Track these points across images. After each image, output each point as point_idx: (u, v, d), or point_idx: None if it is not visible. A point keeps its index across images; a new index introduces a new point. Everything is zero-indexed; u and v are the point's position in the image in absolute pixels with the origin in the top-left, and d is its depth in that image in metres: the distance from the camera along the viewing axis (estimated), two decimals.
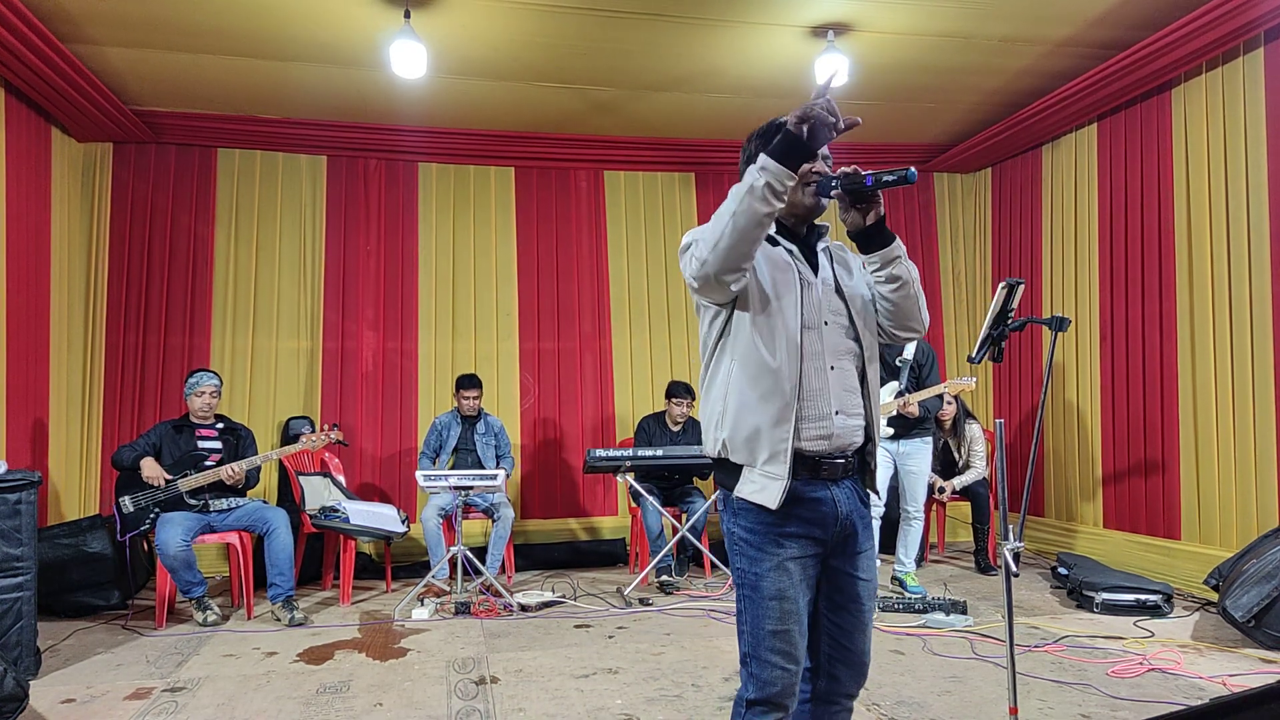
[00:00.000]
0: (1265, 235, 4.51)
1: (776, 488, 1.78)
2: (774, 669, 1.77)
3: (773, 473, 1.78)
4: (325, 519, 4.93)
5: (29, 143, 5.04)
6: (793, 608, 1.79)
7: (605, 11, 4.44)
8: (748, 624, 1.81)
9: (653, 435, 5.74)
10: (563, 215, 6.58)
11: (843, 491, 1.85)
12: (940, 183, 7.09)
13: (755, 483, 1.80)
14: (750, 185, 1.65)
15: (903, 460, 4.97)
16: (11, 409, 4.80)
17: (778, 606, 1.78)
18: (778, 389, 1.79)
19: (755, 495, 1.80)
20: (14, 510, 3.58)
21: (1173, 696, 3.19)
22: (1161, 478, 5.17)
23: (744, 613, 1.83)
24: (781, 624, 1.78)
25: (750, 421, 1.80)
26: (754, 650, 1.80)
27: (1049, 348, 3.42)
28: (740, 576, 1.84)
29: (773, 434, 1.79)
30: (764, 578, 1.79)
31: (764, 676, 1.78)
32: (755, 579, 1.80)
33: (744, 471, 1.83)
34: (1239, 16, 4.26)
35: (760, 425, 1.79)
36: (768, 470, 1.79)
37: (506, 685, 3.44)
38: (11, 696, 2.99)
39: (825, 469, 1.82)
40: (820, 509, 1.82)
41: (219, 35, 4.61)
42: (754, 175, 1.66)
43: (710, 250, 1.70)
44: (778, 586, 1.78)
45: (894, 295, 1.90)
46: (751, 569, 1.81)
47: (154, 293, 5.85)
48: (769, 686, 1.77)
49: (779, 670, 1.77)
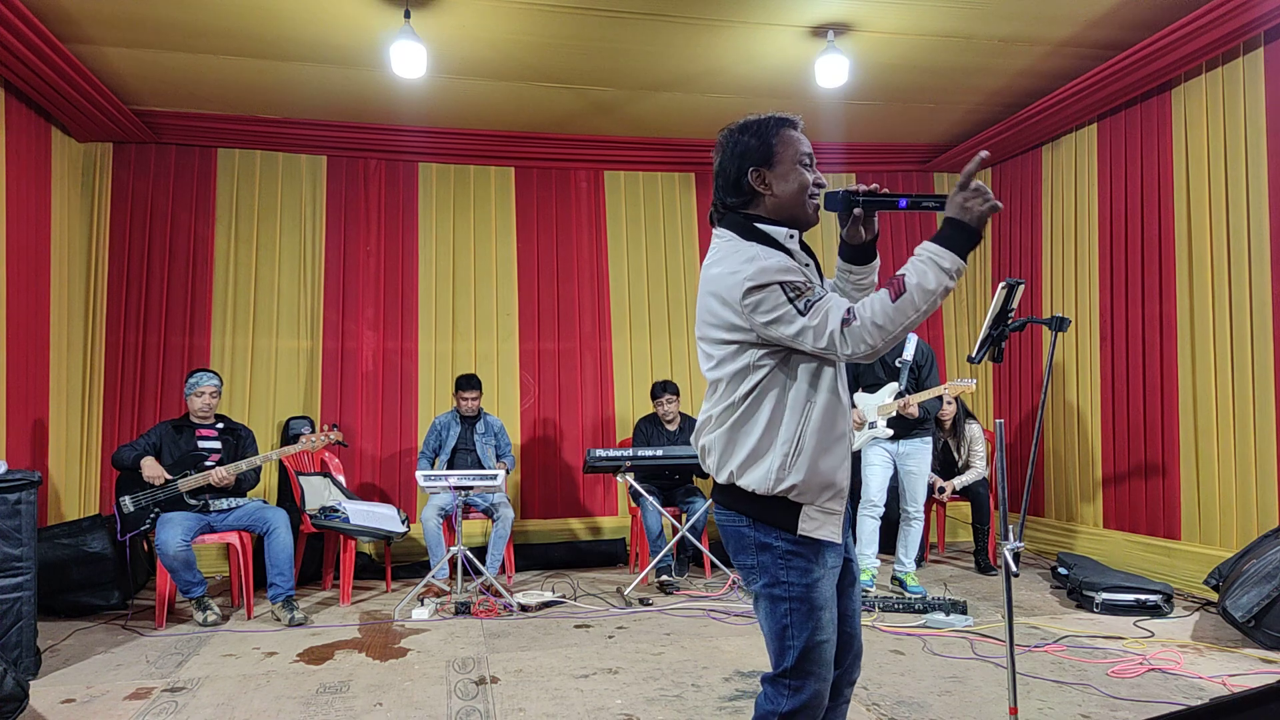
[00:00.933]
0: (1265, 235, 4.51)
1: (836, 522, 1.79)
2: (815, 679, 1.75)
3: (833, 509, 1.79)
4: (325, 519, 4.93)
5: (29, 143, 5.04)
6: (833, 617, 1.80)
7: (605, 11, 4.44)
8: (797, 639, 1.75)
9: (650, 436, 5.74)
10: (563, 215, 6.58)
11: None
12: (940, 183, 7.09)
13: (815, 520, 1.77)
14: (944, 287, 1.65)
15: (903, 460, 4.97)
16: (11, 409, 4.80)
17: (825, 615, 1.77)
18: (847, 430, 1.82)
19: (817, 532, 1.77)
20: (14, 510, 3.58)
21: (1173, 696, 3.19)
22: (1161, 478, 5.17)
23: (792, 627, 1.76)
24: (827, 634, 1.77)
25: (827, 466, 1.78)
26: (799, 663, 1.75)
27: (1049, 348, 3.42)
28: (787, 590, 1.76)
29: (840, 474, 1.80)
30: (814, 589, 1.76)
31: (804, 686, 1.75)
32: (806, 591, 1.75)
33: (804, 509, 1.78)
34: (1239, 16, 4.26)
35: (835, 468, 1.78)
36: (828, 506, 1.79)
37: (506, 685, 3.44)
38: (11, 696, 2.99)
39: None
40: (845, 516, 1.87)
41: (219, 35, 4.61)
42: (949, 277, 1.65)
43: (884, 338, 1.67)
44: (825, 596, 1.78)
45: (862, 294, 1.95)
46: (802, 581, 1.76)
47: (154, 292, 5.85)
48: (804, 695, 1.75)
49: (819, 681, 1.76)
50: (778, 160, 1.83)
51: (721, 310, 1.78)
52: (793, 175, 1.83)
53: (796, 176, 1.83)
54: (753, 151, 1.84)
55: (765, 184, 1.84)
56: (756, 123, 1.87)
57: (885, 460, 4.94)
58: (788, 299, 1.71)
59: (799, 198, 1.83)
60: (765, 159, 1.83)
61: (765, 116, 1.88)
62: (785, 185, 1.83)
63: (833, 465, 1.78)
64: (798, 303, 1.71)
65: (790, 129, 1.86)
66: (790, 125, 1.87)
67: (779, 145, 1.83)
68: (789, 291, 1.71)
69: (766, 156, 1.83)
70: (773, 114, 1.88)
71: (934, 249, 1.67)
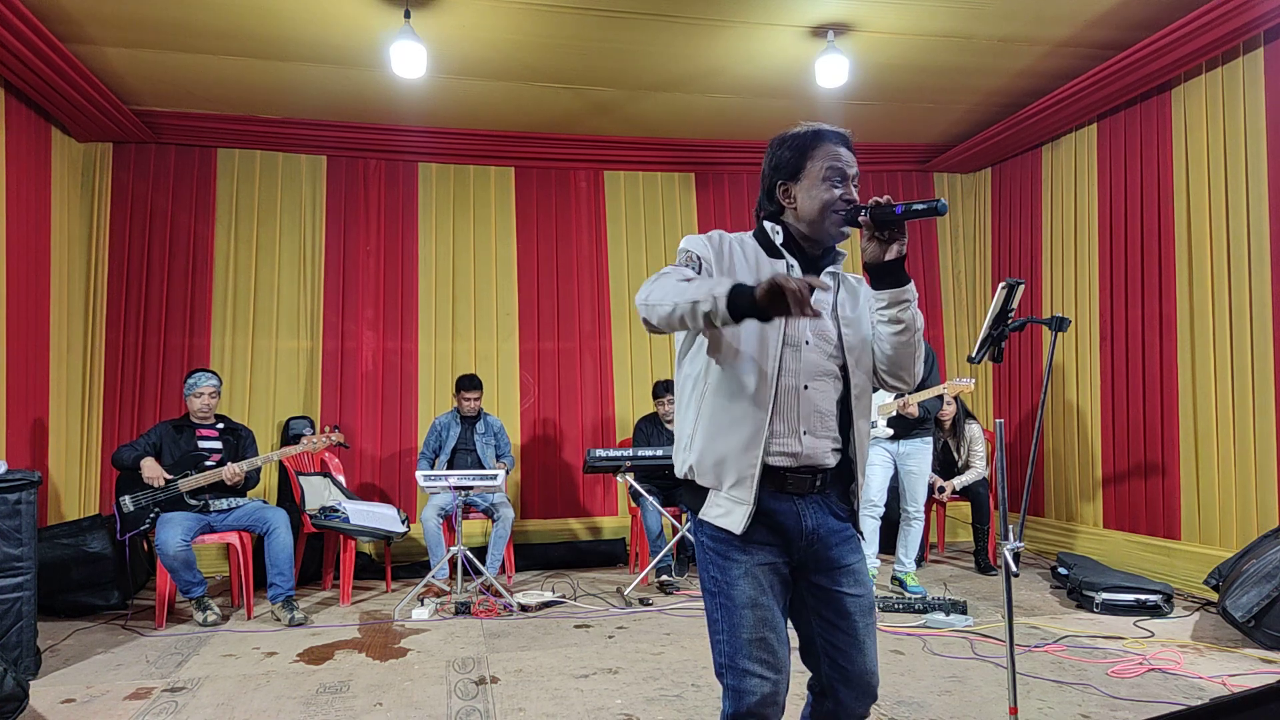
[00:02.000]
0: (1265, 235, 4.51)
1: (741, 513, 1.75)
2: (752, 678, 1.72)
3: (738, 497, 1.76)
4: (325, 519, 4.93)
5: (29, 143, 5.04)
6: (767, 615, 1.75)
7: (605, 11, 4.44)
8: (724, 633, 1.76)
9: (650, 436, 5.74)
10: (563, 215, 6.58)
11: (809, 505, 1.81)
12: (940, 183, 7.09)
13: (720, 506, 1.78)
14: (694, 304, 1.60)
15: (903, 460, 4.98)
16: (11, 409, 4.80)
17: (752, 614, 1.74)
18: (749, 415, 1.76)
19: (720, 519, 1.77)
20: (14, 510, 3.58)
21: (1173, 696, 3.19)
22: (1161, 478, 5.17)
23: (718, 622, 1.77)
24: (758, 631, 1.73)
25: (718, 446, 1.78)
26: (731, 660, 1.74)
27: (1049, 348, 3.42)
28: (712, 585, 1.80)
29: (741, 460, 1.76)
30: (735, 585, 1.75)
31: (742, 687, 1.73)
32: (727, 587, 1.76)
33: (710, 495, 1.80)
34: (1239, 16, 4.26)
35: (728, 451, 1.77)
36: (734, 494, 1.77)
37: (506, 685, 3.44)
38: (11, 696, 2.99)
39: (791, 483, 1.79)
40: (782, 520, 1.78)
41: (219, 35, 4.61)
42: (707, 298, 1.58)
43: (652, 303, 1.70)
44: (749, 594, 1.75)
45: (893, 338, 1.84)
46: (723, 577, 1.77)
47: (154, 293, 5.85)
48: (748, 696, 1.72)
49: (757, 679, 1.72)
50: (804, 175, 1.84)
51: None
52: (815, 191, 1.82)
53: (820, 193, 1.82)
54: (784, 165, 1.86)
55: (791, 198, 1.86)
56: (795, 136, 1.87)
57: (885, 460, 4.95)
58: (680, 263, 1.83)
59: (821, 213, 1.83)
60: (793, 174, 1.85)
61: (806, 130, 1.86)
62: (808, 201, 1.84)
63: (726, 447, 1.76)
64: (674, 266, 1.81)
65: (827, 143, 1.84)
66: (827, 139, 1.84)
67: (809, 161, 1.84)
68: (683, 257, 1.83)
69: (795, 171, 1.85)
70: (816, 126, 1.86)
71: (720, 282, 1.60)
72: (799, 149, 1.85)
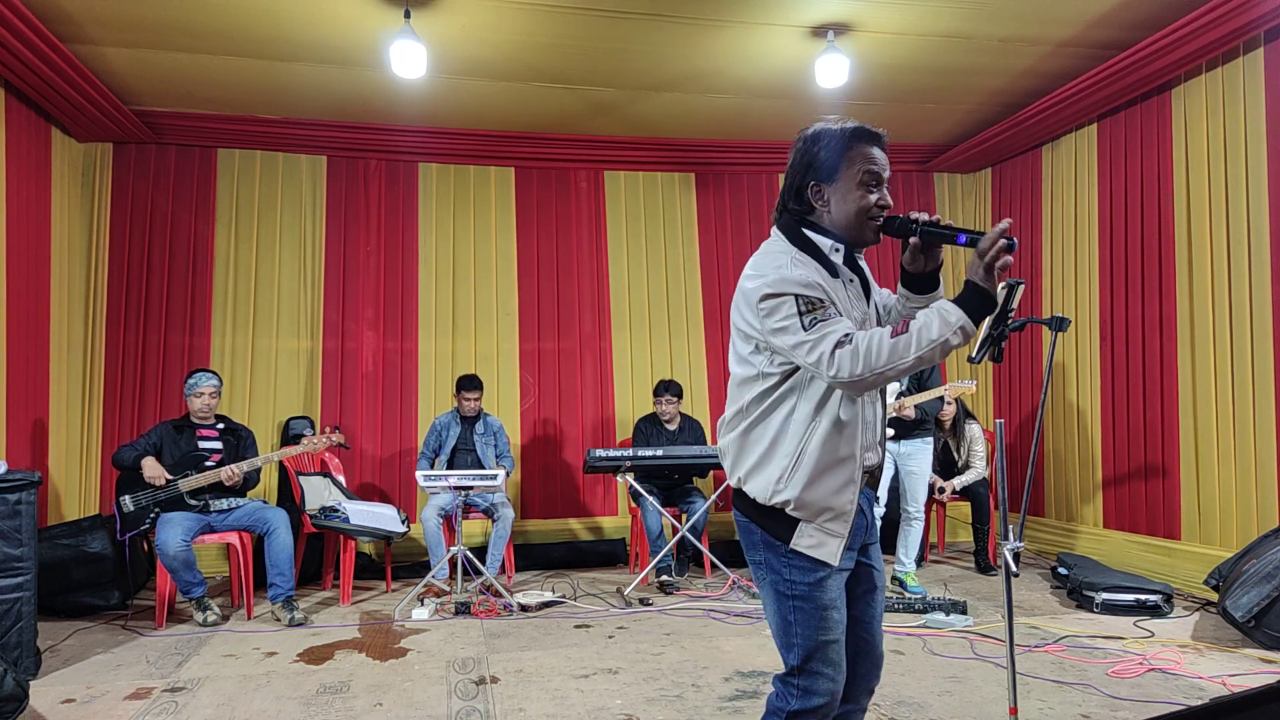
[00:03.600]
0: (1265, 235, 4.51)
1: (835, 545, 1.76)
2: (825, 680, 1.76)
3: (833, 530, 1.77)
4: (325, 519, 4.93)
5: (29, 143, 5.04)
6: (841, 617, 1.80)
7: (605, 11, 4.44)
8: (800, 636, 1.77)
9: (649, 436, 5.74)
10: (563, 215, 6.57)
11: (864, 498, 1.88)
12: (940, 183, 7.09)
13: (812, 538, 1.77)
14: (945, 340, 1.62)
15: (903, 460, 4.98)
16: (11, 409, 4.79)
17: (831, 616, 1.77)
18: (851, 452, 1.78)
19: (813, 550, 1.76)
20: (14, 510, 3.58)
21: (1173, 696, 3.19)
22: (1161, 478, 5.17)
23: (794, 624, 1.77)
24: (834, 634, 1.77)
25: (826, 485, 1.77)
26: (806, 662, 1.76)
27: (1049, 348, 3.42)
28: (790, 589, 1.78)
29: (841, 497, 1.77)
30: (818, 588, 1.76)
31: (815, 688, 1.76)
32: (807, 590, 1.76)
33: (801, 525, 1.78)
34: (1239, 16, 4.26)
35: (832, 490, 1.77)
36: (828, 527, 1.77)
37: (506, 685, 3.44)
38: (11, 696, 2.99)
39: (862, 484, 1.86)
40: (857, 520, 1.83)
41: (219, 35, 4.61)
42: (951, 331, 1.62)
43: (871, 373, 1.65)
44: (830, 596, 1.77)
45: None
46: (804, 579, 1.77)
47: (154, 293, 5.85)
48: (818, 697, 1.75)
49: (829, 681, 1.76)
50: (840, 178, 1.80)
51: (745, 310, 1.81)
52: (852, 197, 1.80)
53: (855, 199, 1.79)
54: (817, 165, 1.81)
55: (824, 200, 1.82)
56: (827, 134, 1.82)
57: (885, 461, 4.94)
58: (798, 312, 1.71)
59: (857, 219, 1.81)
60: (828, 175, 1.81)
61: (840, 128, 1.81)
62: (843, 206, 1.81)
63: (830, 488, 1.77)
64: (805, 317, 1.70)
65: (863, 144, 1.80)
66: (863, 139, 1.80)
67: (844, 163, 1.79)
68: (801, 305, 1.71)
69: (830, 173, 1.80)
70: (852, 124, 1.82)
71: (946, 304, 1.66)
72: (834, 149, 1.80)
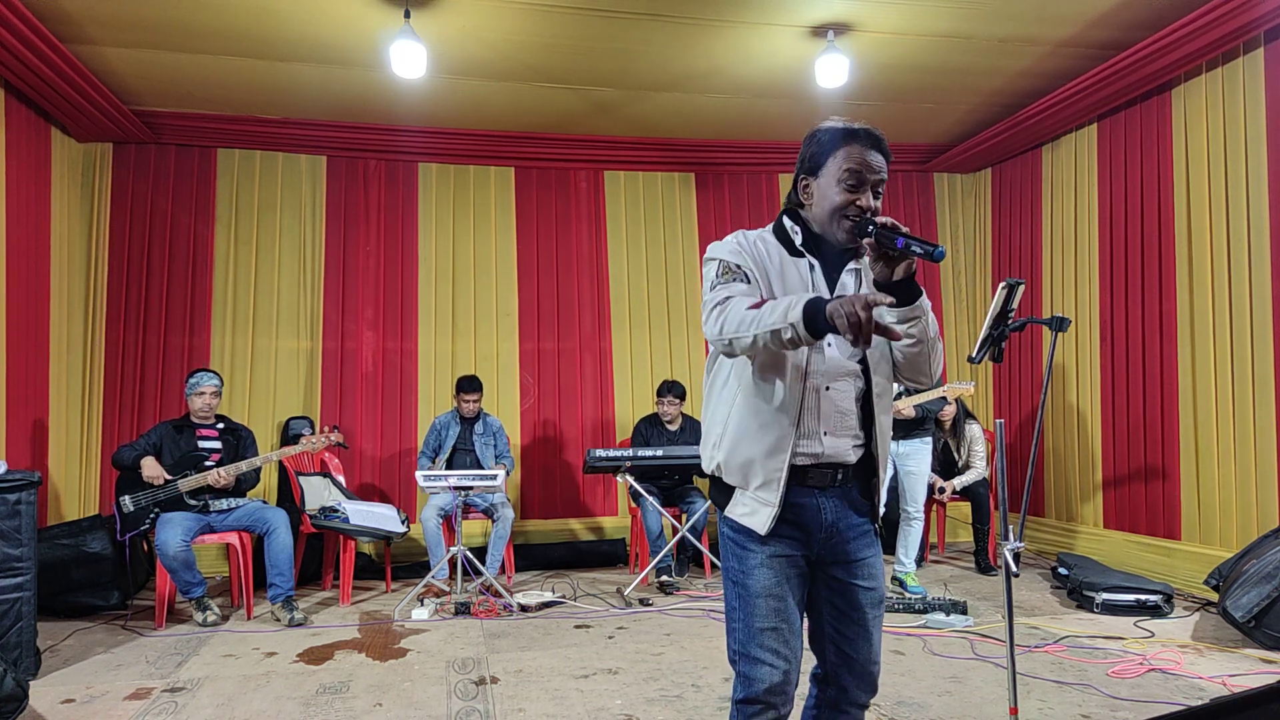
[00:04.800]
0: (1265, 235, 4.51)
1: (766, 514, 1.79)
2: (763, 665, 1.77)
3: (764, 498, 1.79)
4: (325, 519, 4.93)
5: (29, 143, 5.04)
6: (781, 605, 1.79)
7: (605, 11, 4.44)
8: (739, 621, 1.81)
9: (649, 437, 5.73)
10: (563, 215, 6.58)
11: (829, 500, 1.83)
12: (940, 183, 7.09)
13: (746, 506, 1.82)
14: (774, 332, 1.60)
15: (902, 461, 4.98)
16: (11, 409, 4.79)
17: (766, 604, 1.79)
18: (777, 420, 1.78)
19: (744, 519, 1.81)
20: (14, 510, 3.57)
21: (1173, 697, 3.19)
22: (1161, 478, 5.17)
23: (734, 609, 1.83)
24: (770, 620, 1.78)
25: (746, 448, 1.80)
26: (744, 648, 1.80)
27: (1049, 348, 3.42)
28: (730, 574, 1.85)
29: (768, 463, 1.79)
30: (751, 574, 1.80)
31: (753, 674, 1.78)
32: (743, 576, 1.81)
33: (735, 493, 1.84)
34: (1239, 16, 4.26)
35: (756, 453, 1.79)
36: (759, 495, 1.80)
37: (506, 685, 3.44)
38: (11, 696, 2.99)
39: (812, 477, 1.82)
40: (803, 514, 1.81)
41: (219, 35, 4.61)
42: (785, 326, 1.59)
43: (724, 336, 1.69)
44: (764, 583, 1.79)
45: (906, 349, 1.85)
46: (740, 566, 1.82)
47: (154, 293, 5.85)
48: (758, 684, 1.78)
49: (767, 667, 1.77)
50: (824, 174, 1.82)
51: None
52: (830, 193, 1.80)
53: (831, 195, 1.80)
54: (809, 161, 1.85)
55: (810, 194, 1.86)
56: (825, 131, 1.83)
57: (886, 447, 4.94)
58: (715, 274, 1.81)
59: (830, 217, 1.81)
60: (813, 169, 1.84)
61: (836, 126, 1.82)
62: (820, 202, 1.82)
63: (754, 450, 1.79)
64: (719, 279, 1.79)
65: (854, 144, 1.79)
66: (856, 140, 1.80)
67: (831, 161, 1.81)
68: (719, 268, 1.81)
69: (815, 168, 1.84)
70: (849, 124, 1.82)
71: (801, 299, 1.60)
72: (826, 146, 1.82)
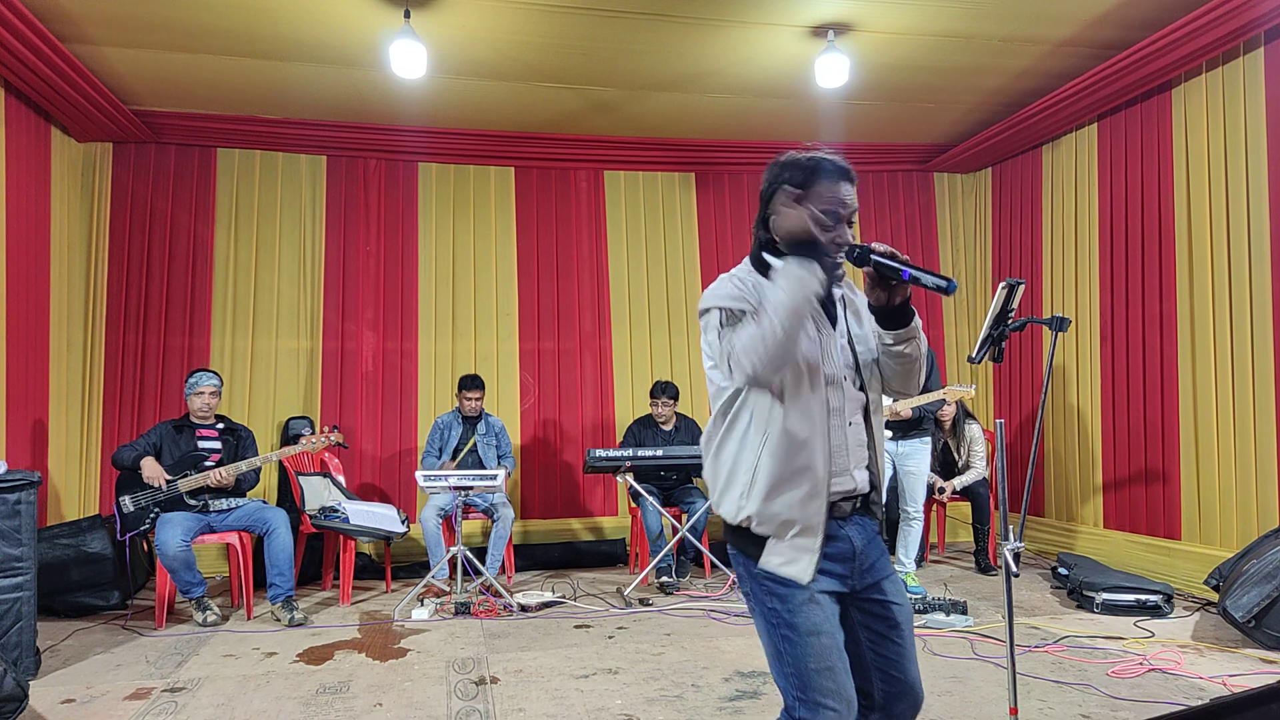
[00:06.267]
0: (1265, 235, 4.51)
1: (808, 561, 1.72)
2: (826, 711, 1.68)
3: (804, 545, 1.73)
4: (325, 519, 4.93)
5: (29, 143, 5.04)
6: (832, 643, 1.72)
7: (605, 11, 4.44)
8: (790, 666, 1.72)
9: (642, 439, 5.71)
10: (563, 215, 6.58)
11: (854, 528, 1.82)
12: (940, 183, 7.09)
13: (782, 555, 1.74)
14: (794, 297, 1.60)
15: (902, 461, 4.98)
16: (11, 409, 4.79)
17: (817, 642, 1.71)
18: (811, 465, 1.74)
19: (784, 569, 1.73)
20: (14, 510, 3.58)
21: (1173, 697, 3.19)
22: (1161, 478, 5.17)
23: (784, 654, 1.74)
24: (825, 660, 1.70)
25: (785, 499, 1.74)
26: (803, 693, 1.70)
27: (1049, 348, 3.42)
28: (771, 617, 1.76)
29: (807, 508, 1.73)
30: (798, 613, 1.72)
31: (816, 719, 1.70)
32: (789, 615, 1.72)
33: (770, 543, 1.76)
34: (1239, 16, 4.26)
35: (794, 502, 1.73)
36: (798, 543, 1.73)
37: (506, 685, 3.44)
38: (11, 696, 2.99)
39: (836, 511, 1.79)
40: (839, 545, 1.78)
41: (219, 35, 4.61)
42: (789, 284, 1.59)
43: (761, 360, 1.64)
44: (813, 621, 1.71)
45: (897, 365, 1.85)
46: (784, 606, 1.73)
47: (154, 293, 5.85)
48: None
49: (830, 712, 1.68)
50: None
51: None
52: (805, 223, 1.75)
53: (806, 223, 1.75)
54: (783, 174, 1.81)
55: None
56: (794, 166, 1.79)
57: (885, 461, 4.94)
58: (719, 324, 1.76)
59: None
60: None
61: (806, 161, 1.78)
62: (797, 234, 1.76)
63: (790, 500, 1.73)
64: (725, 329, 1.74)
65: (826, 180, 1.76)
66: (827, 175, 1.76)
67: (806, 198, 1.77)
68: (723, 317, 1.75)
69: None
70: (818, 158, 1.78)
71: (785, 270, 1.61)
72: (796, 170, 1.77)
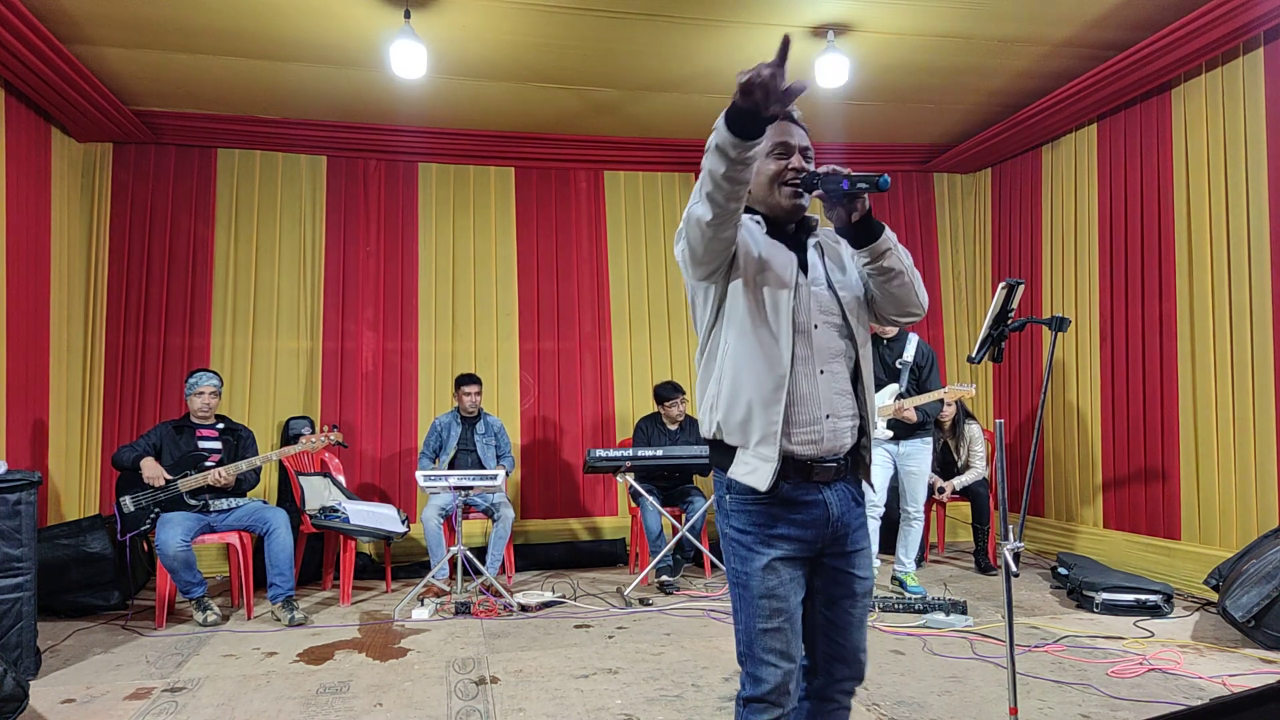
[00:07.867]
0: (1265, 235, 4.51)
1: (768, 470, 1.79)
2: (768, 667, 1.80)
3: (764, 454, 1.80)
4: (325, 519, 4.93)
5: (29, 143, 5.04)
6: (783, 606, 1.81)
7: (605, 11, 4.44)
8: (741, 623, 1.84)
9: (650, 436, 5.73)
10: (563, 215, 6.58)
11: (835, 494, 1.85)
12: (940, 183, 7.09)
13: (748, 464, 1.82)
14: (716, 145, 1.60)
15: (902, 461, 4.97)
16: (11, 409, 4.79)
17: (768, 605, 1.80)
18: (770, 370, 1.80)
19: (747, 477, 1.81)
20: (14, 510, 3.58)
21: (1173, 696, 3.19)
22: (1161, 478, 5.17)
23: (738, 612, 1.85)
24: (772, 622, 1.80)
25: (744, 401, 1.81)
26: (749, 649, 1.83)
27: (1049, 348, 3.41)
28: (733, 576, 1.86)
29: (764, 414, 1.80)
30: (753, 577, 1.81)
31: (759, 674, 1.81)
32: (745, 578, 1.82)
33: (738, 453, 1.84)
34: (1239, 16, 4.26)
35: (753, 405, 1.80)
36: (760, 452, 1.80)
37: (506, 685, 3.44)
38: (11, 696, 2.99)
39: (817, 472, 1.83)
40: (812, 512, 1.83)
41: (219, 35, 4.61)
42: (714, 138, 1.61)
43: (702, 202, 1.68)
44: (766, 585, 1.81)
45: (888, 285, 1.89)
46: (743, 568, 1.83)
47: (154, 293, 5.85)
48: (763, 684, 1.81)
49: (771, 668, 1.80)
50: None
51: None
52: (764, 168, 1.87)
53: (766, 169, 1.87)
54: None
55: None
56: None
57: (885, 461, 4.95)
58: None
59: (768, 188, 1.88)
60: None
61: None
62: (757, 179, 1.88)
63: (749, 401, 1.80)
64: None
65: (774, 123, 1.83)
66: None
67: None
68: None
69: None
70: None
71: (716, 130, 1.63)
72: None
